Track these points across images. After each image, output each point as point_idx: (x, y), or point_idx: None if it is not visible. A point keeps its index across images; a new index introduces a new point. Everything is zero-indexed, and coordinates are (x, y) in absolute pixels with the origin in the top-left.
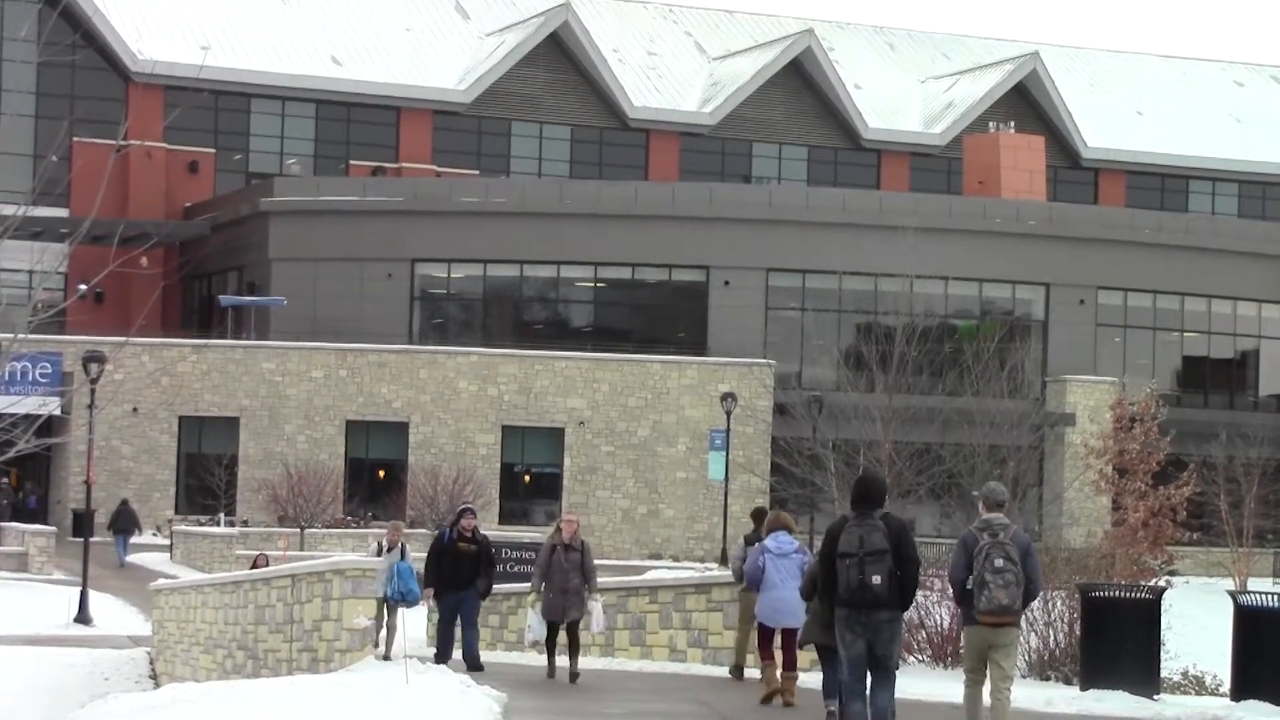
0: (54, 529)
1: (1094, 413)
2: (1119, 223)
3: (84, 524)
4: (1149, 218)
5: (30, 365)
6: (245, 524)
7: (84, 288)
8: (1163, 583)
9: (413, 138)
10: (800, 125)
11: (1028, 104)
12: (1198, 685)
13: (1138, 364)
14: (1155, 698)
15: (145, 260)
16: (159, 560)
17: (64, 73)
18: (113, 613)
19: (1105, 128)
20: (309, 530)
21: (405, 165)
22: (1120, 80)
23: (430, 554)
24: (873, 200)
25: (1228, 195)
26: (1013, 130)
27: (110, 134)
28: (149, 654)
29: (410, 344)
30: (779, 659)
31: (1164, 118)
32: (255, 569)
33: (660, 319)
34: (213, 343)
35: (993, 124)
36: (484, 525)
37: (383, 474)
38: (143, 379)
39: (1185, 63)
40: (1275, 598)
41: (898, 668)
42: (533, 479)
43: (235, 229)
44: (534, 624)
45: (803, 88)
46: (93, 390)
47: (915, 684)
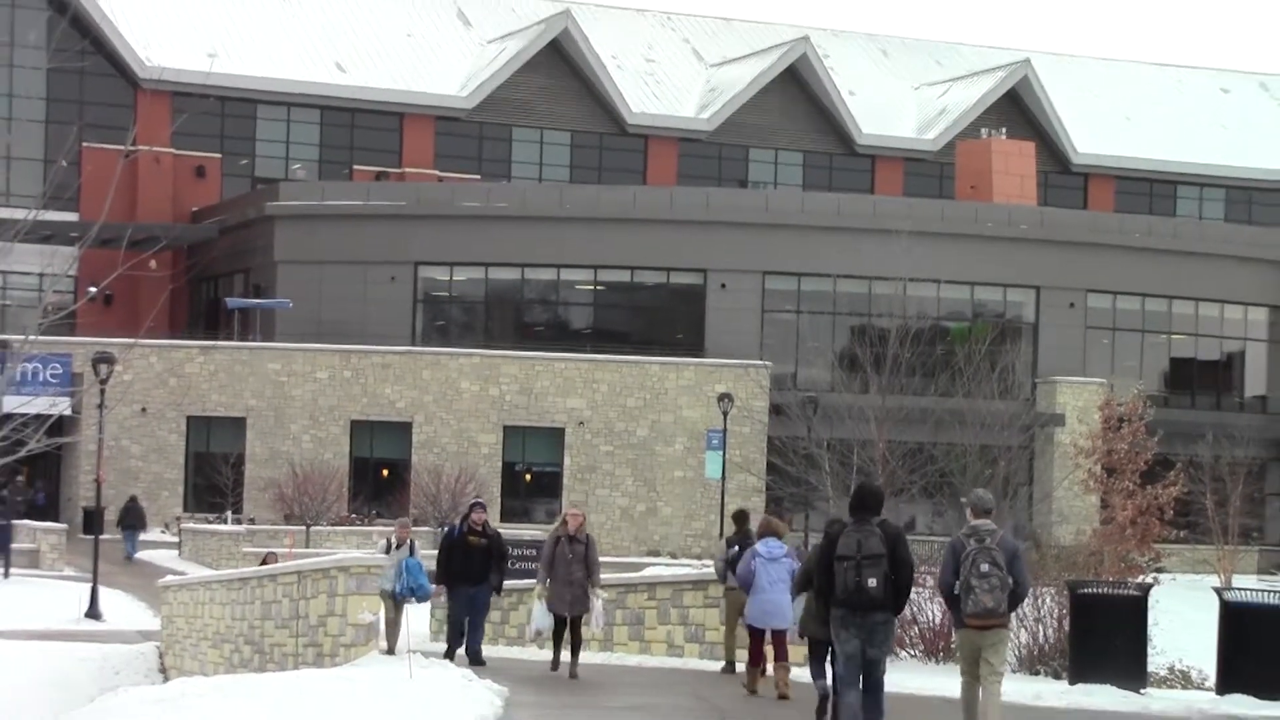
0: (65, 526)
1: (1083, 413)
2: (1108, 227)
3: (94, 521)
4: (1137, 222)
5: (41, 366)
6: (252, 522)
7: (93, 290)
8: (1150, 580)
9: (415, 143)
10: (796, 131)
11: (1019, 110)
12: (1184, 680)
13: (1126, 365)
14: (1142, 692)
15: (154, 263)
16: (168, 557)
17: (73, 79)
18: (123, 608)
19: (1095, 134)
20: (314, 528)
21: (408, 170)
22: (1110, 87)
23: (441, 549)
24: (867, 205)
25: (1215, 200)
26: (1004, 136)
27: (119, 139)
28: (158, 649)
29: (413, 345)
30: (770, 654)
31: (1152, 124)
32: (264, 566)
33: (658, 321)
34: (220, 344)
35: (985, 130)
36: None
37: (386, 473)
38: (151, 380)
39: (1173, 70)
40: (1260, 594)
41: (885, 671)
42: (533, 478)
43: (242, 233)
44: (538, 615)
45: (798, 94)
46: (102, 391)
47: (908, 678)
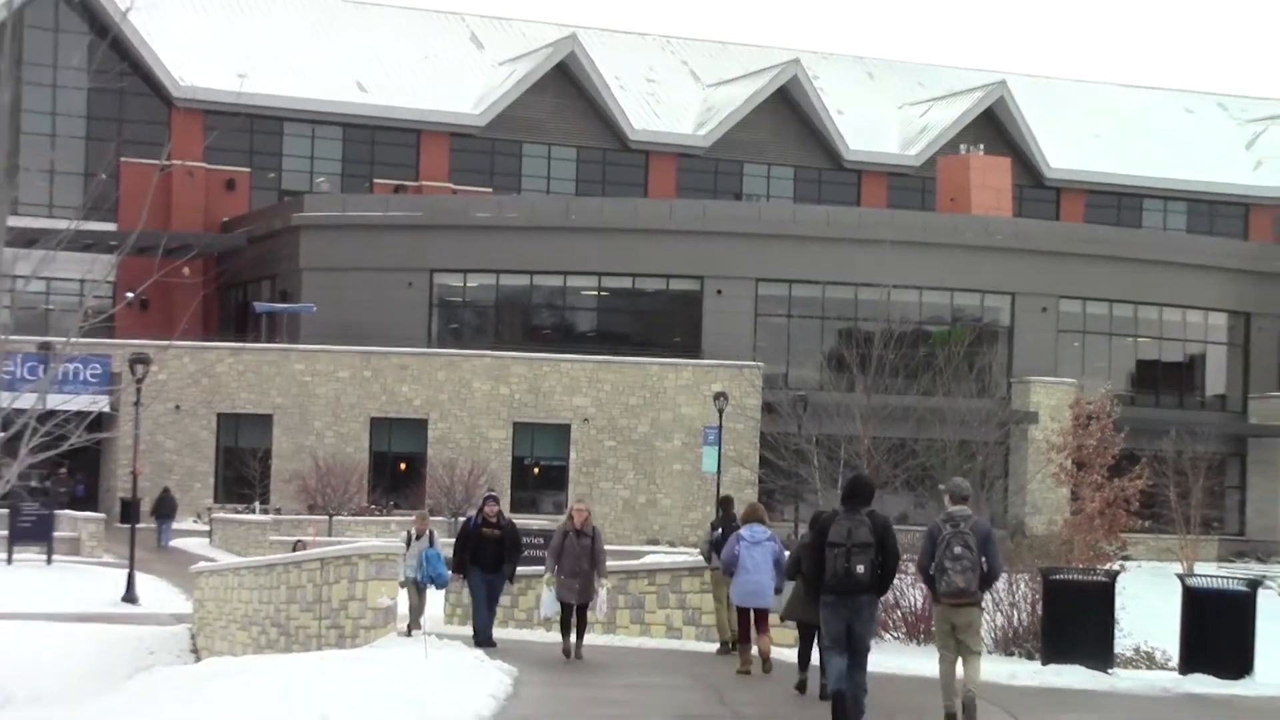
0: (103, 516)
1: (1055, 411)
2: (1078, 237)
3: (131, 511)
4: (1106, 233)
5: (81, 366)
6: (278, 512)
7: (131, 295)
8: (1117, 567)
9: (431, 158)
10: (787, 147)
11: (995, 128)
12: (1148, 660)
13: (1095, 366)
14: (1110, 671)
15: (186, 270)
16: (199, 545)
17: (112, 98)
18: (157, 593)
19: (1066, 150)
20: (336, 518)
21: (424, 183)
22: (1080, 107)
23: (457, 540)
24: (853, 216)
25: (1178, 212)
26: (982, 152)
27: (154, 154)
28: (190, 630)
29: (429, 347)
30: (754, 634)
31: (1120, 141)
32: (295, 551)
33: (658, 324)
34: (248, 346)
35: (963, 146)
36: None
37: (404, 466)
38: (184, 379)
39: (1140, 91)
40: (1219, 581)
41: (869, 650)
42: (541, 471)
43: (269, 241)
44: (547, 603)
45: (789, 113)
46: (138, 389)
47: (890, 659)
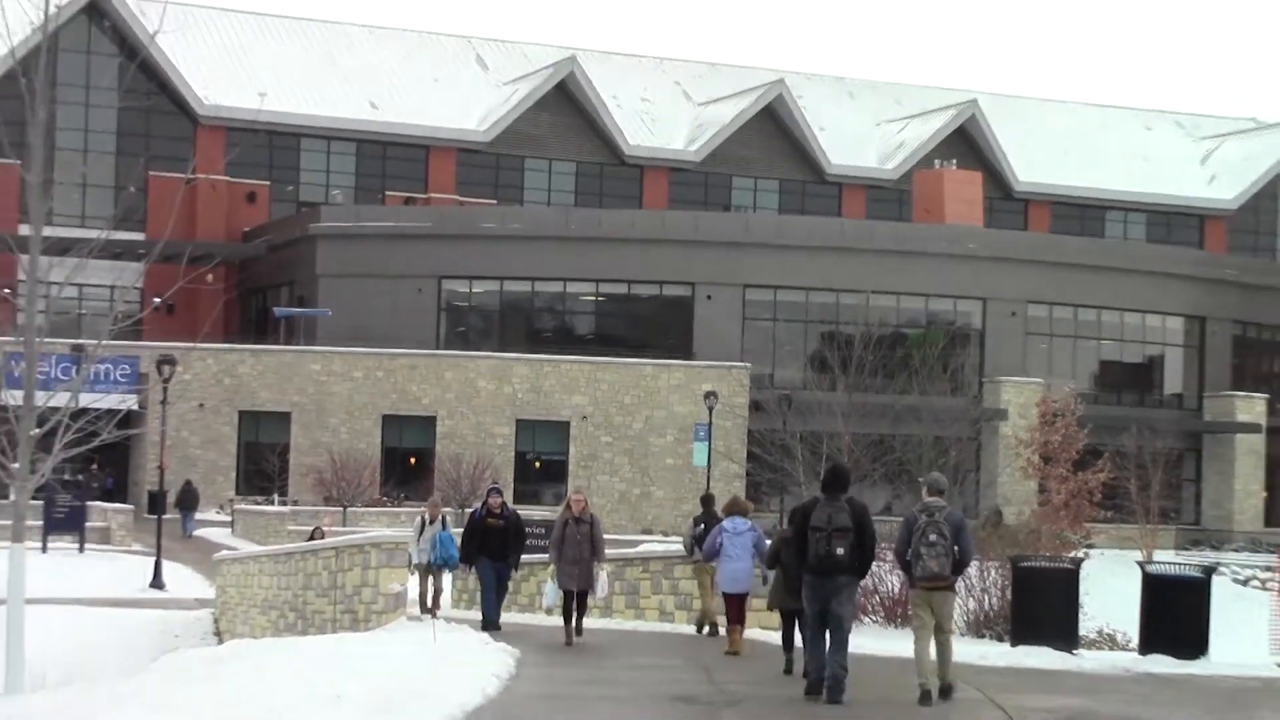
0: (132, 508)
1: (1023, 409)
2: (1045, 246)
3: (158, 503)
4: (1071, 242)
5: (111, 367)
6: (296, 503)
7: (158, 300)
8: (1081, 554)
9: (439, 172)
10: (773, 162)
11: (967, 144)
12: (1111, 642)
13: (1060, 367)
14: (1075, 652)
15: (210, 277)
16: (222, 534)
17: (140, 116)
18: (182, 579)
19: (1034, 165)
20: (350, 509)
21: (433, 195)
22: (1047, 124)
23: (465, 531)
24: (835, 226)
25: (1137, 223)
26: (955, 166)
27: (180, 169)
28: (213, 614)
29: (437, 349)
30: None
31: (1084, 156)
32: (312, 540)
33: (652, 328)
34: (268, 348)
35: (937, 161)
36: None
37: (413, 461)
38: (208, 379)
39: (1102, 109)
40: (1176, 567)
41: (849, 629)
42: (542, 465)
43: (287, 250)
44: (550, 592)
45: (775, 130)
46: (165, 388)
47: (870, 641)
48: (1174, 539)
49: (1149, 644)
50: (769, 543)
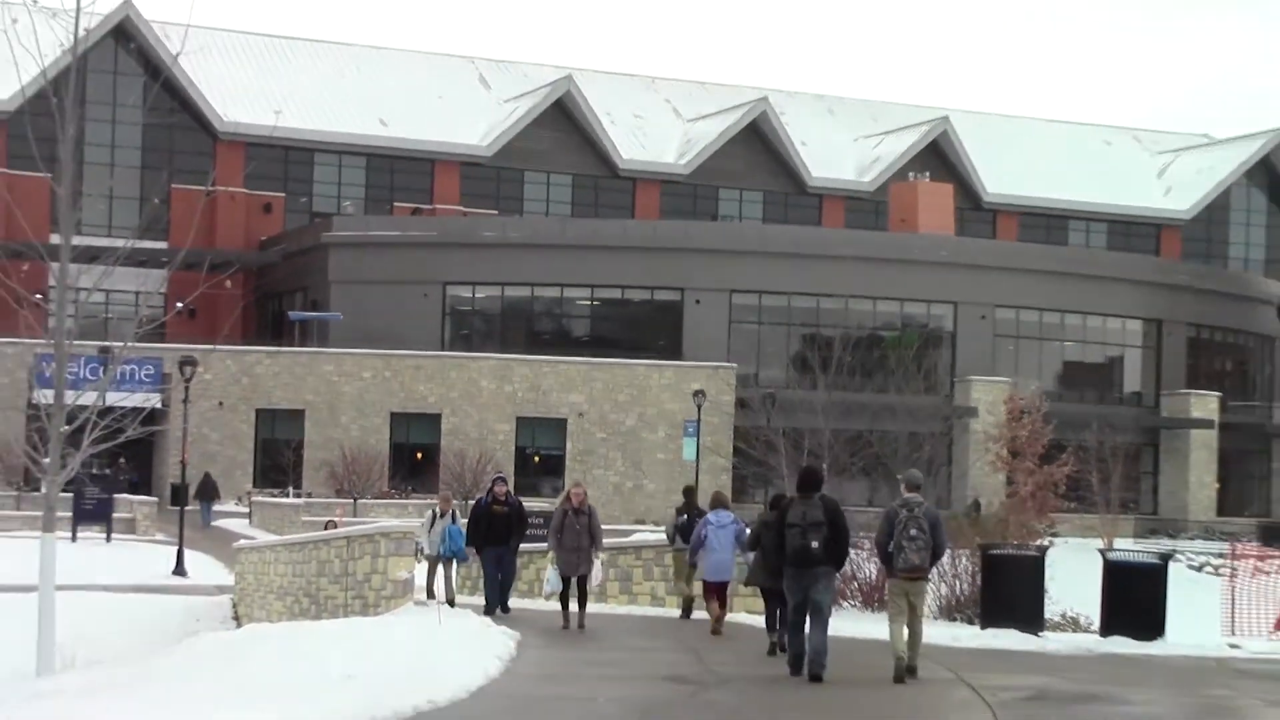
0: (155, 499)
1: (992, 406)
2: (1013, 254)
3: (180, 496)
4: (1036, 250)
5: (136, 367)
6: (309, 495)
7: (180, 305)
8: (1046, 543)
9: (444, 184)
10: (757, 174)
11: (939, 158)
12: (1074, 624)
13: (1027, 367)
14: (1040, 634)
15: (229, 283)
16: (240, 525)
17: (163, 132)
18: (203, 567)
19: (1001, 177)
20: (361, 501)
21: (438, 206)
22: (1014, 139)
23: (470, 517)
24: (816, 235)
25: (1099, 232)
26: (928, 179)
27: (200, 181)
28: (232, 600)
29: (442, 351)
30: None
31: (1049, 169)
32: (326, 530)
33: (644, 330)
34: (283, 350)
35: (911, 174)
36: None
37: (420, 456)
38: (227, 379)
39: (1066, 126)
40: (1135, 554)
41: (829, 614)
42: (541, 460)
43: (301, 258)
44: (551, 579)
45: (759, 144)
46: (187, 388)
47: (849, 625)
48: (1133, 528)
49: (1109, 626)
50: (749, 533)
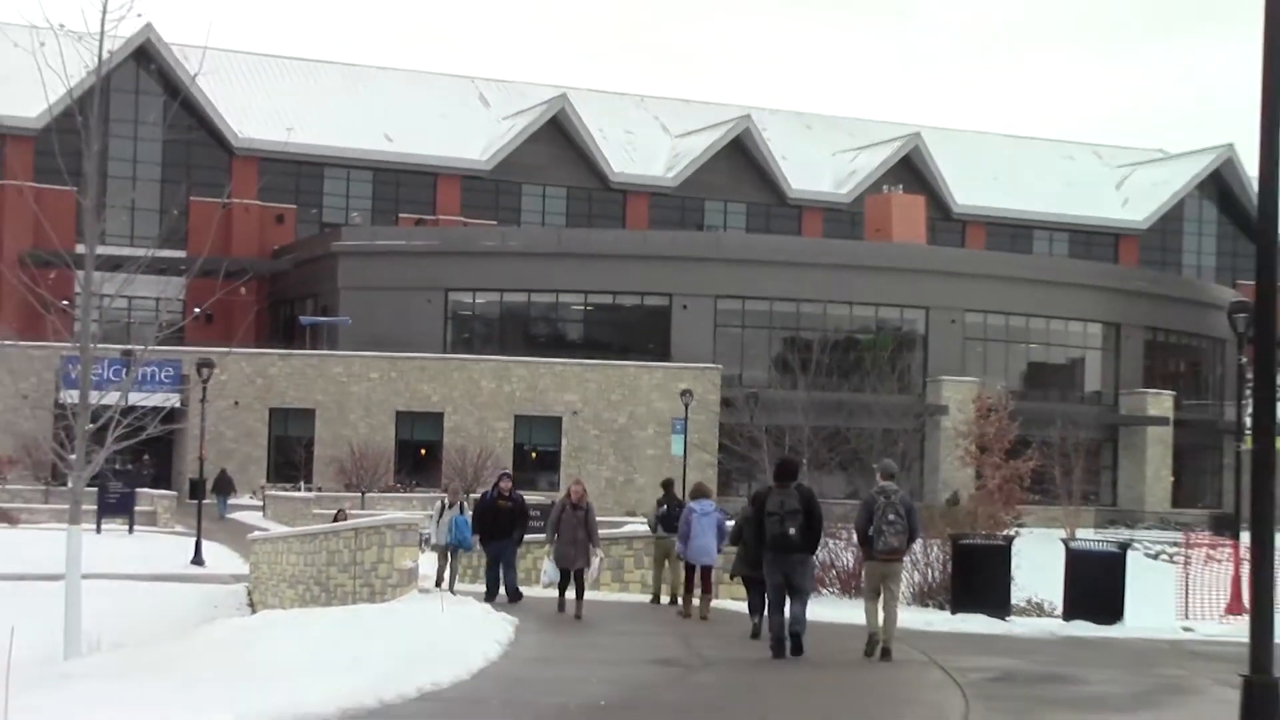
0: (175, 493)
1: (961, 405)
2: (981, 261)
3: (198, 490)
4: (1003, 258)
5: (157, 369)
6: (320, 489)
7: (198, 310)
8: (1013, 533)
9: (446, 196)
10: (741, 187)
11: (912, 171)
12: (1038, 609)
13: (994, 367)
14: (1007, 619)
15: (243, 290)
16: (254, 517)
17: (182, 148)
18: (220, 557)
19: (970, 189)
20: (368, 495)
21: (441, 217)
22: (981, 154)
23: (475, 510)
24: (796, 244)
25: (1061, 241)
26: (901, 191)
27: (217, 194)
28: (247, 588)
29: (445, 353)
30: (698, 590)
31: (1014, 182)
32: (336, 520)
33: (634, 334)
34: (295, 352)
35: (886, 186)
36: None
37: (424, 452)
38: (242, 380)
39: (1030, 141)
40: (1095, 544)
41: (809, 594)
42: (538, 456)
43: (312, 266)
44: (549, 569)
45: (742, 159)
46: (204, 388)
47: (828, 610)
48: (1094, 518)
49: (1072, 611)
50: (730, 523)
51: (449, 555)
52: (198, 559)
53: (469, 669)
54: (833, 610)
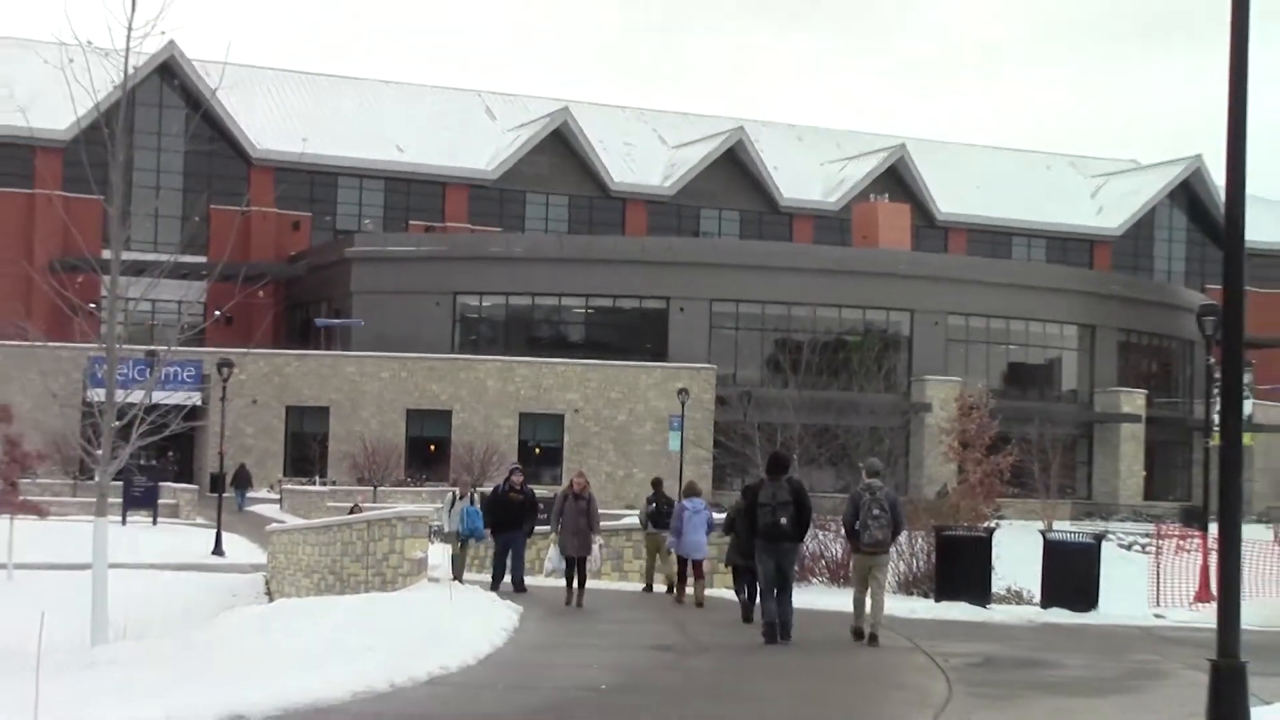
0: (196, 487)
1: (944, 403)
2: (963, 266)
3: (219, 484)
4: (984, 263)
5: (179, 369)
6: (334, 483)
7: (218, 313)
8: (993, 525)
9: (454, 204)
10: (734, 195)
11: (897, 181)
12: (1017, 597)
13: (975, 367)
14: (988, 607)
15: (261, 293)
16: (272, 510)
17: (203, 158)
18: (239, 548)
19: (953, 198)
20: (380, 488)
21: (449, 224)
22: (963, 164)
23: (487, 502)
24: (787, 250)
25: (1039, 247)
26: (887, 200)
27: (236, 203)
28: (265, 577)
29: (452, 353)
30: (690, 578)
31: (994, 191)
32: (352, 513)
33: (633, 335)
34: (310, 353)
35: (872, 195)
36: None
37: (433, 448)
38: (260, 379)
39: (1009, 152)
40: (1071, 535)
41: (794, 580)
42: (541, 451)
43: (326, 271)
44: (553, 557)
45: (736, 168)
46: (224, 387)
47: (817, 599)
48: (1070, 511)
49: (1049, 599)
50: (726, 519)
51: (462, 545)
52: (218, 550)
53: (476, 655)
54: (823, 598)
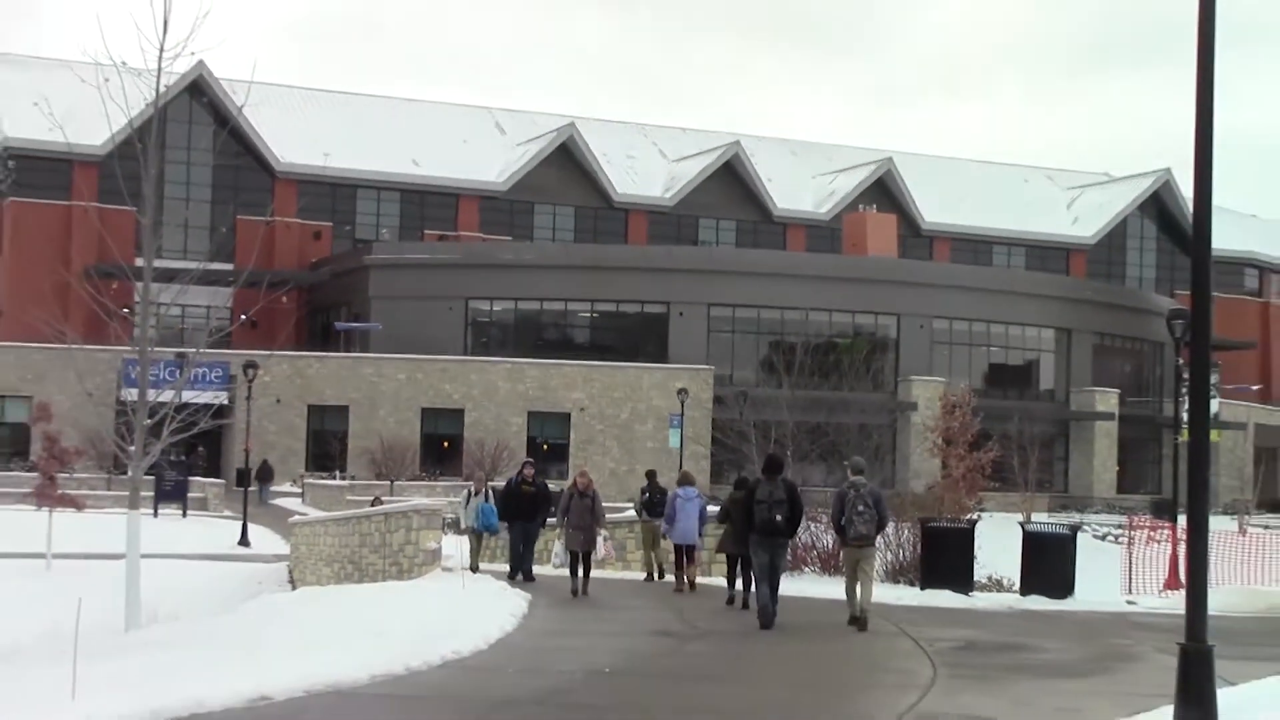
0: (223, 482)
1: (929, 402)
2: (946, 273)
3: (244, 479)
4: (966, 270)
5: (207, 370)
6: (353, 478)
7: (244, 317)
8: (975, 517)
9: (467, 214)
10: (731, 206)
11: (885, 192)
12: (998, 585)
13: (959, 368)
14: (970, 594)
15: (284, 299)
16: (294, 503)
17: (230, 172)
18: (263, 539)
19: (937, 208)
20: (396, 483)
21: (462, 233)
22: (948, 177)
23: (500, 495)
24: (781, 258)
25: (1018, 255)
26: (875, 210)
27: (261, 213)
28: (288, 566)
29: (465, 355)
30: (685, 564)
31: (976, 202)
32: (373, 506)
33: (636, 338)
34: (331, 355)
35: (861, 206)
36: None
37: (446, 444)
38: (283, 380)
39: (990, 165)
40: (1049, 526)
41: (783, 572)
42: (549, 447)
43: (346, 277)
44: (559, 551)
45: (732, 181)
46: (249, 387)
47: (809, 587)
48: (1047, 504)
49: (1028, 587)
50: (720, 509)
51: (479, 538)
52: (244, 540)
53: (487, 640)
54: (814, 586)
